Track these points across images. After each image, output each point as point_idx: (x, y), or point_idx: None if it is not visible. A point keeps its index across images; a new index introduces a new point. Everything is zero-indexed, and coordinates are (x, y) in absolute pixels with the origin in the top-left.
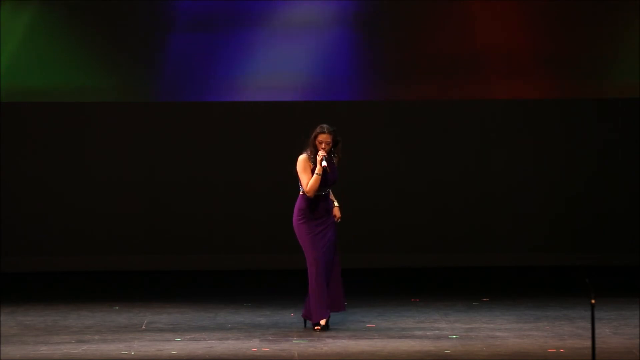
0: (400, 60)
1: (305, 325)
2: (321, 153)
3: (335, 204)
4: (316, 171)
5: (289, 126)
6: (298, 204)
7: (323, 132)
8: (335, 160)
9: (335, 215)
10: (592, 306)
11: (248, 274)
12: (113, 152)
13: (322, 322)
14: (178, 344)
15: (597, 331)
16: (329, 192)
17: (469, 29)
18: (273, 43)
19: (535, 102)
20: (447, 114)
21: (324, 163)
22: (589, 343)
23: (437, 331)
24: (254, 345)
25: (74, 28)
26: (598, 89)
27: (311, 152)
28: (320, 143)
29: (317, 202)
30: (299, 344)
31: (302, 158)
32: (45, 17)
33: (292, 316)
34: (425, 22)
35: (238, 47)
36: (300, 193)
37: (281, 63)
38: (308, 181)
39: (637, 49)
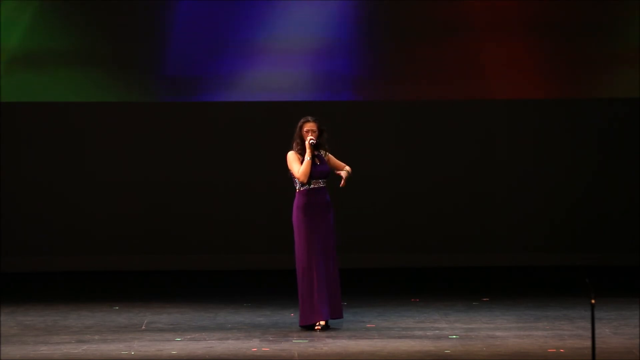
0: (400, 61)
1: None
2: (310, 137)
3: (347, 168)
4: (306, 155)
5: (289, 126)
6: (296, 202)
7: (308, 121)
8: (323, 153)
9: (342, 178)
10: (592, 306)
11: (248, 274)
12: (113, 152)
13: (322, 322)
14: (178, 344)
15: (597, 331)
16: (325, 187)
17: (469, 29)
18: (273, 43)
19: (536, 102)
20: (447, 114)
21: (312, 141)
22: (589, 343)
23: (437, 331)
24: (254, 345)
25: (74, 28)
26: (598, 89)
27: (298, 144)
28: (307, 132)
29: (314, 196)
30: (299, 344)
31: (290, 153)
32: (45, 17)
33: (292, 316)
34: (426, 22)
35: (238, 47)
36: (297, 190)
37: (281, 63)
38: (299, 168)
39: (637, 49)
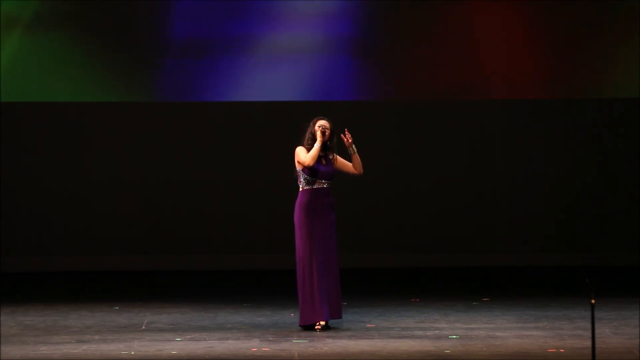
0: (400, 60)
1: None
2: (322, 127)
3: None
4: (317, 142)
5: (289, 126)
6: (299, 201)
7: (321, 119)
8: (331, 155)
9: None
10: (592, 306)
11: (248, 274)
12: (113, 152)
13: (322, 322)
14: (178, 344)
15: (597, 331)
16: (328, 189)
17: (469, 29)
18: (274, 43)
19: (536, 102)
20: (447, 114)
21: (325, 128)
22: (589, 343)
23: (437, 331)
24: (254, 345)
25: (74, 28)
26: (598, 89)
27: (308, 139)
28: (320, 127)
29: (317, 196)
30: (299, 344)
31: (300, 147)
32: (45, 17)
33: (292, 316)
34: (426, 22)
35: (238, 47)
36: (300, 189)
37: (282, 63)
38: (307, 154)
39: (637, 49)
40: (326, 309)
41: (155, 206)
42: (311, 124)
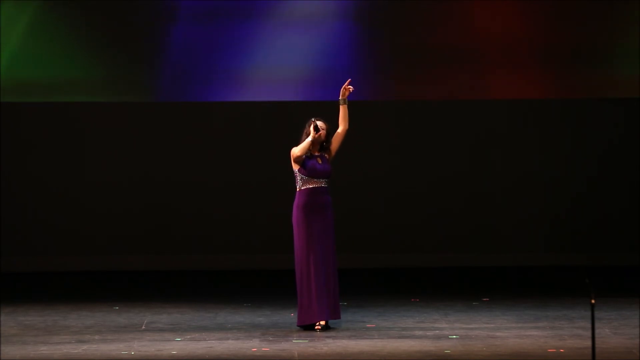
0: (400, 61)
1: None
2: (314, 122)
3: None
4: (310, 136)
5: (289, 126)
6: (296, 201)
7: (317, 119)
8: (326, 155)
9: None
10: (592, 306)
11: (248, 274)
12: (113, 152)
13: (322, 322)
14: (178, 344)
15: (597, 331)
16: (326, 188)
17: (470, 29)
18: (273, 43)
19: (536, 102)
20: (447, 114)
21: (319, 123)
22: (589, 343)
23: (437, 331)
24: (254, 345)
25: (74, 28)
26: (598, 88)
27: (305, 140)
28: (314, 123)
29: (314, 196)
30: (299, 344)
31: (294, 147)
32: (45, 17)
33: (292, 316)
34: (426, 21)
35: (238, 47)
36: (298, 189)
37: (281, 63)
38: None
39: (637, 48)
40: (325, 309)
41: (155, 206)
42: (307, 125)
